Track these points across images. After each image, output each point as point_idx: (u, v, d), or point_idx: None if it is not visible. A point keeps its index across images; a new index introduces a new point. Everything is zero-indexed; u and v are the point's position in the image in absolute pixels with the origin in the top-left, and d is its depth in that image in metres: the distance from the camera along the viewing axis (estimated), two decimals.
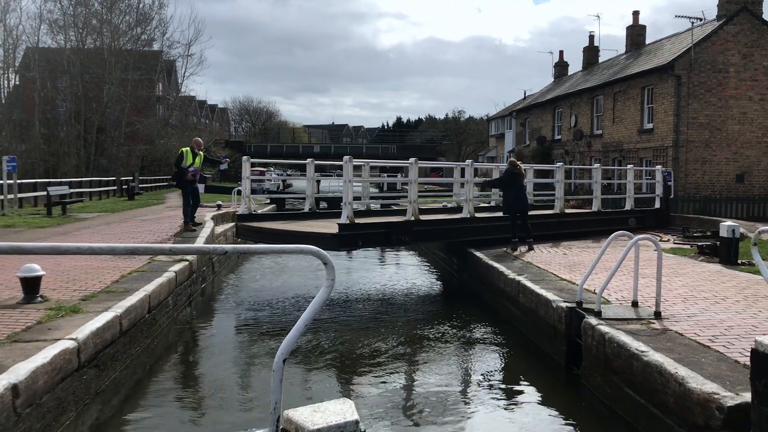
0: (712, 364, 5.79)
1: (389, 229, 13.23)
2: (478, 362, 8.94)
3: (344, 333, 10.18)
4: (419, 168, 14.55)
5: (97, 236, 14.61)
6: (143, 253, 3.16)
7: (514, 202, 13.81)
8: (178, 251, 3.50)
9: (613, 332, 6.88)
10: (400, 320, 11.18)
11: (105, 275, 9.82)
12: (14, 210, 21.85)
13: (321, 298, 3.45)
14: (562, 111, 38.41)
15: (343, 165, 12.29)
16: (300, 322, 3.42)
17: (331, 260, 3.47)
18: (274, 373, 3.43)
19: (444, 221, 15.34)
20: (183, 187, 15.31)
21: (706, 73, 26.19)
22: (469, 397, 7.45)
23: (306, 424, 3.53)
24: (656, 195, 19.65)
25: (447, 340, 9.99)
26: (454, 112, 79.97)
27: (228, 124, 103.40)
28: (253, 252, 8.29)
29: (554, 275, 10.69)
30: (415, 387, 7.66)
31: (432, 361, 8.80)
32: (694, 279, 10.30)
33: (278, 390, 3.41)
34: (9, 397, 4.94)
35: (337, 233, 12.21)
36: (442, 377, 8.10)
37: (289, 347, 3.41)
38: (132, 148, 47.20)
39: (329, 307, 12.12)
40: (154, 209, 24.47)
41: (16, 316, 7.11)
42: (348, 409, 3.71)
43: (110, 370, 7.23)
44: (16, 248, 3.14)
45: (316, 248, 3.47)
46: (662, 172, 19.84)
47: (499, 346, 9.76)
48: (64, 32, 45.69)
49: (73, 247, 3.13)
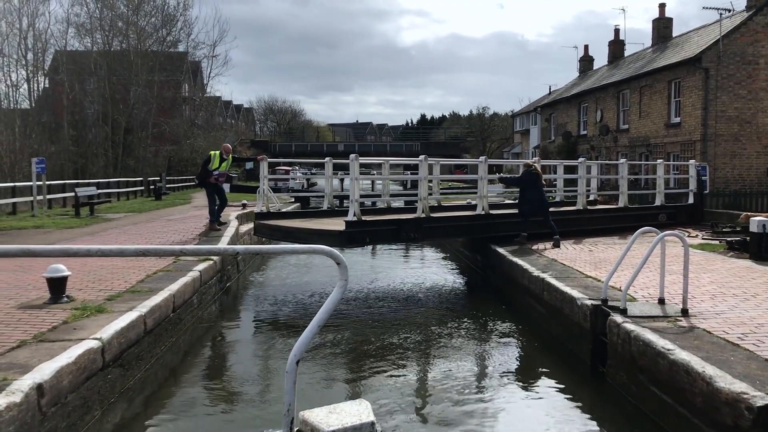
0: (741, 363, 5.66)
1: (399, 226, 13.30)
2: (502, 360, 8.86)
3: (365, 330, 10.17)
4: (442, 165, 14.61)
5: (124, 236, 14.78)
6: (153, 254, 3.17)
7: (535, 202, 13.87)
8: (189, 252, 3.50)
9: (638, 330, 6.76)
10: (423, 317, 11.13)
11: (130, 275, 9.92)
12: (43, 211, 22.20)
13: (334, 298, 3.42)
14: (587, 106, 37.98)
15: (350, 163, 12.42)
16: (313, 323, 3.40)
17: (344, 260, 3.44)
18: (288, 374, 3.41)
19: (456, 218, 15.33)
20: (206, 188, 15.58)
21: (735, 65, 25.68)
22: (492, 395, 7.39)
23: (321, 426, 3.50)
24: (690, 190, 19.14)
25: (470, 337, 9.93)
26: (479, 109, 79.44)
27: (253, 123, 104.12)
28: (265, 252, 8.28)
29: (579, 272, 10.56)
30: (437, 385, 7.61)
31: (454, 358, 8.74)
32: (723, 275, 10.09)
33: (292, 391, 3.39)
34: (34, 396, 5.00)
35: (343, 230, 12.30)
36: (465, 375, 8.04)
37: (302, 348, 3.39)
38: (159, 149, 47.78)
39: (351, 304, 12.13)
40: (180, 209, 24.70)
41: (43, 315, 7.21)
42: (364, 411, 3.67)
43: (135, 369, 7.30)
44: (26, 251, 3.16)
45: (328, 248, 3.43)
46: (696, 166, 19.30)
47: (524, 343, 9.67)
48: (90, 35, 46.45)
49: (83, 249, 3.15)
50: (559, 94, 44.92)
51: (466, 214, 15.67)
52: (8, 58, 42.33)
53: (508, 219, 15.24)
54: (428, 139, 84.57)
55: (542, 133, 46.97)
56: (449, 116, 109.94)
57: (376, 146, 78.80)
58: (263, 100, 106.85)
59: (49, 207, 23.86)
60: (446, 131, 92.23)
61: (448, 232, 15.06)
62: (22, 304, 7.77)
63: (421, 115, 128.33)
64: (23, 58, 43.10)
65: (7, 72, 42.88)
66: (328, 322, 10.23)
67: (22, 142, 36.41)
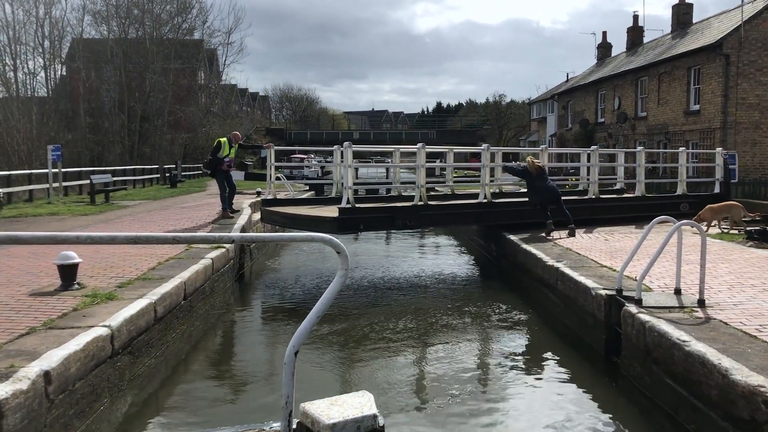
0: (759, 355, 5.53)
1: (394, 214, 13.38)
2: (513, 350, 8.77)
3: (373, 319, 10.09)
4: (457, 153, 14.65)
5: (137, 224, 14.82)
6: (144, 242, 3.10)
7: (543, 192, 13.91)
8: (182, 240, 3.43)
9: (653, 321, 6.64)
10: (434, 307, 11.05)
11: (142, 262, 9.92)
12: (59, 198, 22.34)
13: (334, 288, 3.34)
14: (605, 93, 37.56)
15: (343, 151, 12.82)
16: (312, 314, 3.32)
17: (345, 249, 3.36)
18: (286, 366, 3.34)
19: (455, 206, 15.34)
20: (218, 176, 15.56)
21: (756, 52, 25.23)
22: (503, 385, 7.31)
23: (322, 418, 3.44)
24: (716, 179, 18.72)
25: (481, 327, 9.84)
26: (495, 96, 78.63)
27: (269, 111, 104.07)
28: (262, 240, 8.26)
29: (594, 262, 10.42)
30: (445, 375, 7.53)
31: (464, 348, 8.66)
32: (742, 265, 9.91)
33: (290, 383, 3.32)
34: (41, 383, 4.99)
35: (336, 217, 12.48)
36: (475, 365, 7.97)
37: (301, 339, 3.32)
38: (175, 137, 47.90)
39: (361, 292, 12.08)
40: (194, 197, 24.76)
41: (53, 302, 7.21)
42: (366, 403, 3.59)
43: (145, 356, 7.29)
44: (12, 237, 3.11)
45: (327, 236, 3.35)
46: (723, 154, 18.84)
47: (536, 333, 9.57)
48: (107, 23, 46.55)
49: (72, 236, 3.10)
50: (577, 82, 44.46)
51: (467, 202, 15.72)
52: (25, 46, 42.55)
53: (513, 207, 15.26)
54: (444, 127, 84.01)
55: (559, 120, 46.54)
56: (465, 104, 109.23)
57: (391, 134, 78.45)
58: (279, 88, 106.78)
59: (65, 194, 24.01)
60: (462, 119, 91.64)
61: (446, 219, 15.22)
62: (33, 291, 7.79)
63: (437, 103, 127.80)
64: (40, 46, 43.29)
65: (24, 60, 43.12)
66: (336, 311, 10.26)
67: (39, 129, 36.61)
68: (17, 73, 41.37)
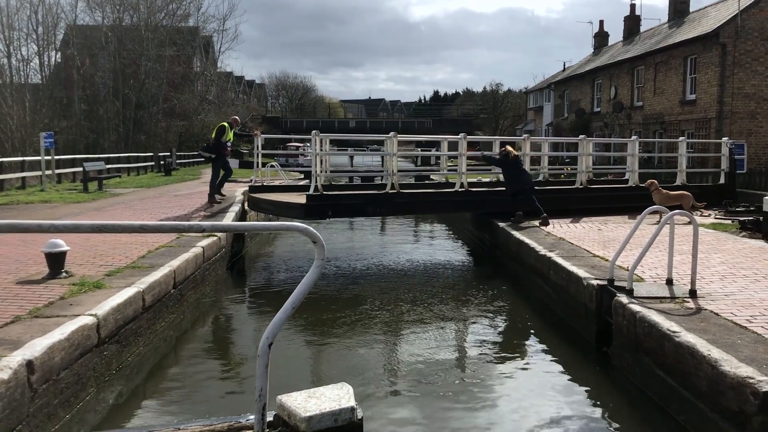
0: (749, 346, 5.50)
1: (365, 201, 13.62)
2: (504, 339, 8.75)
3: (360, 309, 10.04)
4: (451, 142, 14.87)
5: (129, 212, 14.72)
6: (110, 231, 3.03)
7: (515, 182, 14.06)
8: (149, 228, 3.36)
9: (644, 311, 6.60)
10: (424, 295, 11.00)
11: (132, 250, 9.85)
12: (52, 185, 22.18)
13: (310, 279, 3.27)
14: (601, 83, 37.43)
15: (311, 138, 13.13)
16: (287, 304, 3.26)
17: (321, 238, 3.29)
18: (259, 358, 3.28)
19: (428, 194, 15.49)
20: (218, 160, 15.65)
21: (753, 41, 25.12)
22: (492, 375, 7.27)
23: (298, 411, 3.38)
24: (722, 170, 18.53)
25: (471, 316, 9.80)
26: (491, 85, 78.40)
27: (265, 99, 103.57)
28: (234, 230, 8.21)
29: (587, 251, 10.38)
30: (432, 366, 7.48)
31: (454, 338, 8.63)
32: (734, 256, 9.88)
33: (264, 376, 3.26)
34: (24, 373, 4.93)
35: (304, 203, 12.73)
36: (465, 354, 7.93)
37: (275, 331, 3.26)
38: (170, 124, 47.61)
39: (348, 280, 12.03)
40: (188, 185, 24.63)
41: (40, 291, 7.14)
42: (345, 395, 3.53)
43: (133, 345, 7.23)
44: None
45: (303, 225, 3.28)
46: (729, 144, 18.63)
47: (528, 323, 9.55)
48: (101, 9, 46.10)
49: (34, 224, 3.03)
50: (573, 71, 44.30)
51: (443, 191, 15.84)
52: (18, 32, 42.13)
53: (489, 197, 15.37)
54: (441, 116, 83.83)
55: (555, 110, 46.42)
56: (462, 93, 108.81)
57: (388, 123, 78.07)
58: (275, 76, 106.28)
59: (58, 181, 23.84)
60: (459, 108, 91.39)
61: (419, 207, 15.41)
62: (20, 279, 7.71)
63: (434, 92, 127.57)
64: (34, 32, 42.87)
65: (17, 46, 42.71)
66: (321, 299, 10.21)
67: (32, 116, 36.36)
68: (11, 59, 40.96)
